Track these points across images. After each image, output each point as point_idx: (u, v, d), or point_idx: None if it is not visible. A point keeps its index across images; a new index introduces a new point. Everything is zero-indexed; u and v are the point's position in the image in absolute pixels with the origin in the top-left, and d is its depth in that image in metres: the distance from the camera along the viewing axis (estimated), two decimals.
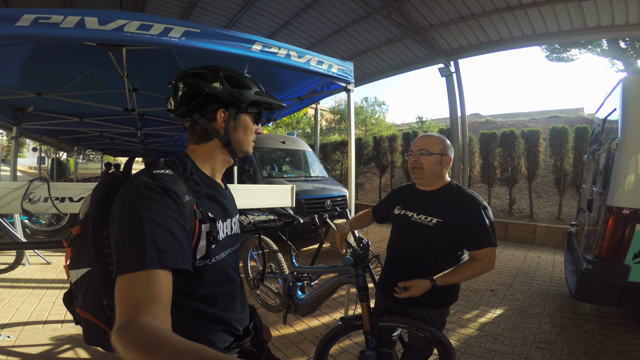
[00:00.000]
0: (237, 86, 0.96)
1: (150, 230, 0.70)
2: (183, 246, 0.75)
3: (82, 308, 0.85)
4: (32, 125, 5.05)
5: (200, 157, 0.97)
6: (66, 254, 0.92)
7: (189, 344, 0.53)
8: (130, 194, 0.75)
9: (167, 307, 0.67)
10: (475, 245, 1.56)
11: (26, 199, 2.01)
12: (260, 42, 2.24)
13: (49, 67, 3.00)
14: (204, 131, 0.95)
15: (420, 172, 1.65)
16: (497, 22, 6.40)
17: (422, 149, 1.64)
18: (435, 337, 1.66)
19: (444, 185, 1.69)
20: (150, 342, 0.53)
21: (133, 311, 0.61)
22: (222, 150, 0.98)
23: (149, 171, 0.83)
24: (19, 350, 2.51)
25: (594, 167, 3.67)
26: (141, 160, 11.70)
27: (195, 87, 0.91)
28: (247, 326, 1.05)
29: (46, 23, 1.70)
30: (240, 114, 0.98)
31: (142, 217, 0.71)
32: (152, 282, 0.66)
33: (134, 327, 0.58)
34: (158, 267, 0.68)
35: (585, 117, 12.78)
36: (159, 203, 0.74)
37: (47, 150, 18.30)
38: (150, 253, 0.68)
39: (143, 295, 0.64)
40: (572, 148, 7.43)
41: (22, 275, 4.17)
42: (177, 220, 0.76)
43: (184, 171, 0.90)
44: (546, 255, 5.77)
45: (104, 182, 0.89)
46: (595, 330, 3.00)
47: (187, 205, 0.81)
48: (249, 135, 1.02)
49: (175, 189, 0.79)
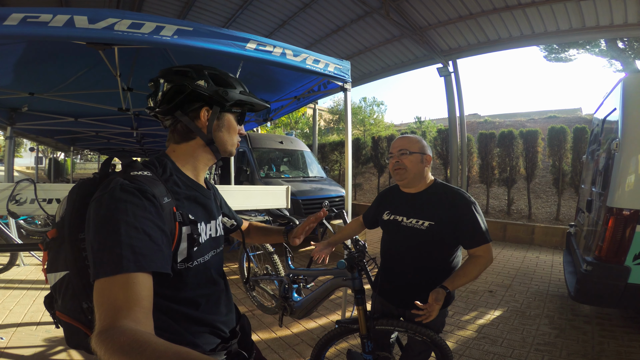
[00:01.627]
0: (222, 85, 0.94)
1: (126, 233, 0.68)
2: (162, 249, 0.74)
3: (61, 311, 0.83)
4: (26, 125, 5.01)
5: (181, 157, 0.95)
6: (43, 257, 0.90)
7: (172, 346, 0.52)
8: (106, 196, 0.73)
9: (149, 310, 0.66)
10: (472, 244, 1.55)
11: (12, 200, 1.97)
12: (255, 40, 2.21)
13: (42, 67, 2.96)
14: (186, 130, 0.93)
15: (404, 172, 1.63)
16: (495, 22, 6.37)
17: (402, 149, 1.63)
18: (432, 341, 1.64)
19: (429, 185, 1.68)
20: (132, 346, 0.52)
21: (113, 315, 0.60)
22: (205, 149, 0.96)
23: (126, 173, 0.80)
24: (12, 352, 2.47)
25: (594, 167, 3.64)
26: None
27: (178, 84, 0.89)
28: (233, 328, 1.04)
29: (35, 22, 1.68)
30: (224, 113, 0.96)
31: (118, 220, 0.69)
32: (131, 286, 0.64)
33: (114, 331, 0.56)
34: (135, 270, 0.66)
35: (584, 117, 12.79)
36: (136, 205, 0.72)
37: (45, 151, 18.23)
38: (127, 257, 0.66)
39: (122, 299, 0.63)
40: (570, 148, 7.42)
41: (17, 276, 4.13)
42: (155, 223, 0.74)
43: (164, 172, 0.88)
44: (545, 255, 5.75)
45: (79, 184, 0.86)
46: (594, 332, 2.97)
47: (166, 207, 0.79)
48: (232, 135, 1.00)
49: (153, 191, 0.78)
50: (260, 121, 4.93)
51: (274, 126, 17.38)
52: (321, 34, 8.00)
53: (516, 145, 7.97)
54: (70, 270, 0.81)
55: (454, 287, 1.52)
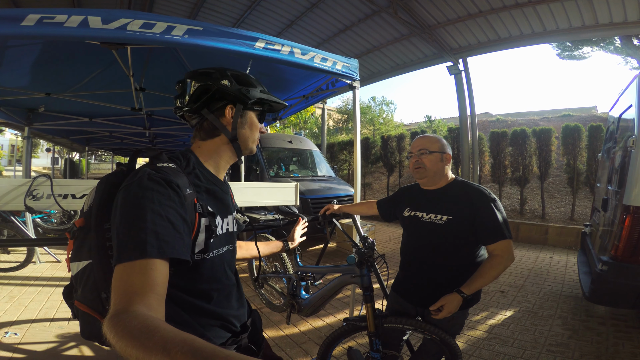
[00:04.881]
0: (244, 84, 1.00)
1: (152, 220, 0.71)
2: (183, 237, 0.76)
3: (80, 301, 0.86)
4: (43, 125, 5.15)
5: (205, 153, 0.99)
6: (68, 247, 0.92)
7: (180, 333, 0.53)
8: (133, 185, 0.76)
9: (162, 297, 0.68)
10: (489, 239, 1.53)
11: (29, 195, 2.03)
12: (264, 39, 2.22)
13: (58, 68, 3.05)
14: (212, 127, 0.97)
15: (423, 171, 1.65)
16: (505, 20, 6.27)
17: (422, 149, 1.65)
18: (441, 340, 1.62)
19: (449, 182, 1.69)
20: (141, 331, 0.53)
21: (127, 299, 0.62)
22: (228, 146, 1.00)
23: (153, 164, 0.84)
24: (25, 348, 2.54)
25: (609, 165, 3.55)
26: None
27: (204, 84, 0.95)
28: (244, 322, 1.06)
29: (50, 23, 1.72)
30: (246, 111, 1.01)
31: (144, 207, 0.72)
32: (149, 272, 0.67)
33: (126, 315, 0.58)
34: (157, 256, 0.69)
35: (599, 115, 12.47)
36: (161, 194, 0.76)
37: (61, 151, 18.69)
38: (150, 242, 0.68)
39: (139, 284, 0.65)
40: (585, 147, 7.25)
41: (33, 273, 4.25)
42: (178, 211, 0.77)
43: (187, 165, 0.92)
44: (559, 256, 5.63)
45: (108, 175, 0.90)
46: (609, 333, 2.90)
47: (188, 198, 0.83)
48: (254, 132, 1.05)
49: (177, 181, 0.81)
50: (269, 120, 4.96)
51: (283, 126, 17.46)
52: (329, 33, 8.01)
53: (529, 144, 7.82)
54: (93, 260, 0.84)
55: (471, 291, 1.50)
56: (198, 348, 0.48)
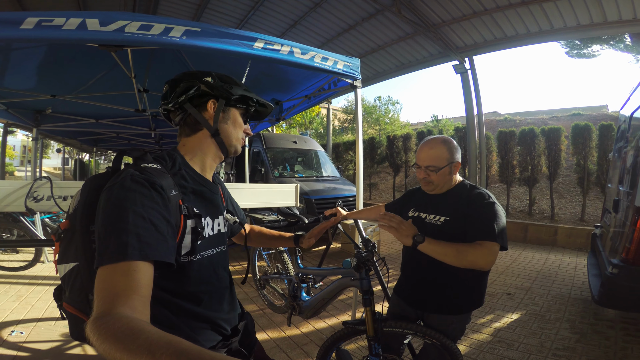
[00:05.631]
0: (227, 82, 1.01)
1: (133, 222, 0.70)
2: (166, 239, 0.75)
3: (68, 303, 0.86)
4: (51, 126, 5.23)
5: (190, 151, 0.98)
6: (55, 249, 0.93)
7: (165, 335, 0.52)
8: (116, 186, 0.75)
9: (146, 299, 0.67)
10: (473, 235, 1.41)
11: (30, 197, 2.05)
12: (263, 39, 2.21)
13: (63, 70, 3.08)
14: (194, 121, 0.97)
15: (431, 185, 1.62)
16: (512, 18, 6.15)
17: (430, 166, 1.57)
18: (442, 344, 1.59)
19: (455, 185, 1.65)
20: (125, 333, 0.52)
21: (110, 302, 0.61)
22: (211, 141, 0.99)
23: (137, 165, 0.84)
24: (30, 346, 2.56)
25: (621, 165, 3.46)
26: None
27: (189, 82, 0.97)
28: (235, 326, 1.04)
29: (49, 25, 1.73)
30: (229, 108, 1.01)
31: (126, 209, 0.71)
32: (132, 273, 0.66)
33: (110, 318, 0.57)
34: (139, 258, 0.67)
35: (610, 114, 12.22)
36: (144, 196, 0.75)
37: (71, 152, 19.02)
38: (132, 244, 0.68)
39: (122, 286, 0.64)
40: (596, 146, 7.10)
41: (40, 272, 4.32)
42: (162, 213, 0.76)
43: (173, 166, 0.91)
44: (568, 258, 5.51)
45: (93, 177, 0.90)
46: (618, 337, 2.82)
47: (172, 199, 0.82)
48: (237, 130, 1.04)
49: (161, 182, 0.80)
50: (273, 121, 4.95)
51: (288, 126, 17.48)
52: (333, 33, 7.97)
53: (538, 144, 7.70)
54: (79, 262, 0.83)
55: (429, 248, 1.36)
56: (184, 350, 0.47)
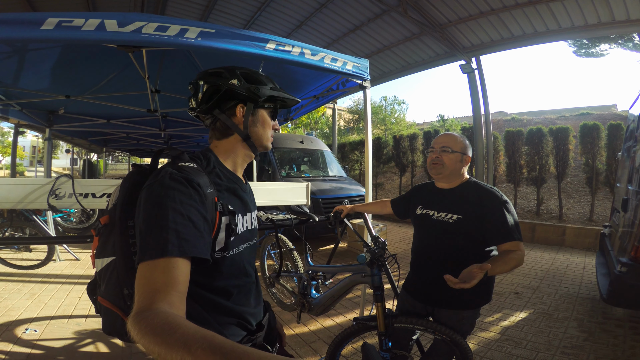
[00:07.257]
0: (253, 82, 0.99)
1: (173, 219, 0.73)
2: (203, 236, 0.78)
3: (103, 297, 0.88)
4: (63, 127, 5.32)
5: (222, 152, 1.00)
6: (93, 243, 0.95)
7: (200, 330, 0.54)
8: (156, 184, 0.78)
9: (184, 294, 0.69)
10: (498, 239, 1.50)
11: (52, 194, 2.11)
12: (274, 40, 2.25)
13: (77, 71, 3.14)
14: (225, 127, 0.98)
15: (440, 167, 1.65)
16: (519, 17, 6.13)
17: (445, 146, 1.64)
18: (452, 340, 1.60)
19: (463, 182, 1.69)
20: (163, 328, 0.55)
21: (151, 297, 0.63)
22: (243, 144, 1.01)
23: (175, 164, 0.86)
24: (43, 344, 2.61)
25: (630, 164, 3.44)
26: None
27: (214, 84, 0.95)
28: (260, 321, 1.06)
29: (69, 26, 1.78)
30: (257, 109, 1.01)
31: (166, 206, 0.74)
32: (171, 270, 0.69)
33: (150, 313, 0.60)
34: (178, 255, 0.70)
35: (619, 114, 12.07)
36: (182, 193, 0.77)
37: (79, 152, 19.25)
38: (172, 241, 0.70)
39: (161, 282, 0.67)
40: (604, 145, 7.03)
41: (53, 271, 4.40)
42: (199, 210, 0.79)
43: (207, 165, 0.93)
44: (576, 257, 5.48)
45: (132, 174, 0.93)
46: (626, 336, 2.81)
47: (208, 197, 0.84)
48: (267, 130, 1.04)
49: (198, 180, 0.82)
50: (281, 121, 5.00)
51: (294, 126, 17.53)
52: (339, 33, 8.00)
53: (546, 143, 7.65)
54: (116, 256, 0.86)
55: (494, 272, 1.38)
56: (218, 344, 0.50)
